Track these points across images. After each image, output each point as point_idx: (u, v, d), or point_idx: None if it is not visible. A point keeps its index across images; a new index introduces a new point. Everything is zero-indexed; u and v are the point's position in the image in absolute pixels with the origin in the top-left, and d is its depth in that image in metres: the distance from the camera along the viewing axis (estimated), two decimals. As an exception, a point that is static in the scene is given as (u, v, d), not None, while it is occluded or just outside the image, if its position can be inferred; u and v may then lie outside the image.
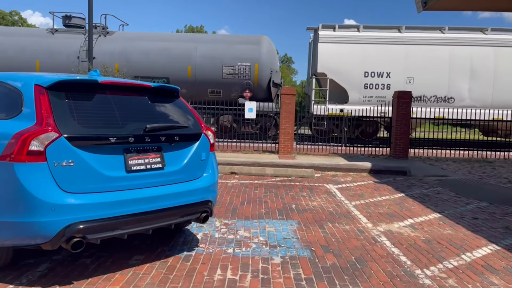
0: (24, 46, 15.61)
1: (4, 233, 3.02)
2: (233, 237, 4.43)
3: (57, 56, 15.27)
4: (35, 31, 16.58)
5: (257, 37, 16.30)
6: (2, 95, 3.51)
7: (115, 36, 16.27)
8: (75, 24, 16.60)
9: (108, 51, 15.57)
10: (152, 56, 15.59)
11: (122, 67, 14.96)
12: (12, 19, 44.23)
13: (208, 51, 15.69)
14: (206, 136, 3.96)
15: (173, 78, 15.43)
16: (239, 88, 15.52)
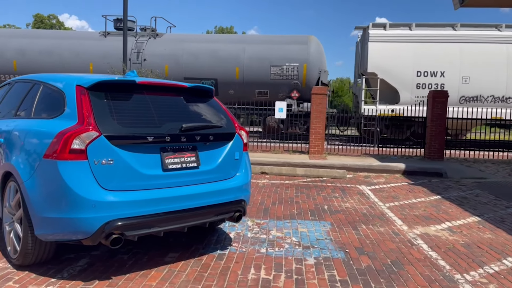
0: (78, 49, 16.07)
1: (47, 228, 3.14)
2: (266, 237, 4.43)
3: (109, 58, 15.56)
4: (88, 35, 17.07)
5: (305, 37, 16.13)
6: (45, 96, 3.66)
7: (164, 38, 16.49)
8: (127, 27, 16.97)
9: (158, 53, 15.82)
10: (201, 57, 15.73)
11: (172, 68, 15.23)
12: (50, 22, 45.96)
13: (256, 52, 15.67)
14: (240, 136, 3.97)
15: (221, 79, 15.55)
16: (287, 88, 15.39)
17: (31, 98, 3.83)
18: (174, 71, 15.47)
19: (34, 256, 3.31)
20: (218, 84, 15.60)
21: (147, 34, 16.39)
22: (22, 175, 3.22)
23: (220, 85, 15.58)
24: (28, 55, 16.05)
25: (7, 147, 3.58)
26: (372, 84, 15.94)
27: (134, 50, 15.80)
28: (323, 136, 11.35)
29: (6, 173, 3.53)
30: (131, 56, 15.74)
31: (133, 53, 15.79)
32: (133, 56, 15.73)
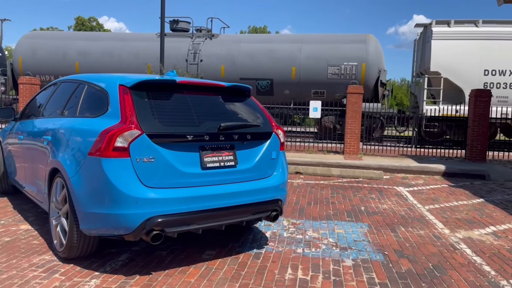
0: (137, 50, 16.35)
1: (91, 223, 3.25)
2: (302, 237, 4.40)
3: (167, 59, 15.21)
4: (147, 36, 17.22)
5: (363, 35, 15.83)
6: (90, 95, 3.78)
7: (220, 39, 16.50)
8: (182, 28, 17.08)
9: (214, 54, 15.83)
10: (257, 58, 15.63)
11: (228, 69, 15.35)
12: (91, 24, 47.61)
13: (313, 52, 15.43)
14: (277, 135, 3.97)
15: (277, 79, 15.44)
16: (344, 88, 14.75)
17: (76, 97, 3.97)
18: (230, 71, 15.46)
19: (79, 250, 3.43)
20: (273, 84, 15.50)
21: (202, 35, 16.43)
22: (69, 171, 3.35)
23: (275, 85, 15.50)
24: (90, 57, 16.44)
25: (54, 145, 3.73)
26: (434, 84, 15.19)
27: (191, 51, 15.86)
28: (358, 136, 11.15)
29: (53, 170, 3.68)
30: (188, 57, 15.85)
31: (190, 54, 15.85)
32: (190, 57, 15.81)
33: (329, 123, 14.91)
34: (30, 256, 3.58)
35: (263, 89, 15.52)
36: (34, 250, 3.73)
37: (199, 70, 15.36)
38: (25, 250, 3.72)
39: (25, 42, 17.17)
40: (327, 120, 14.92)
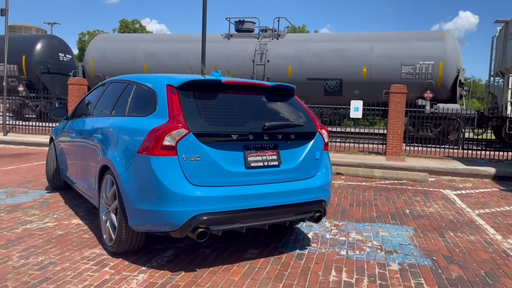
0: (206, 52, 16.21)
1: (140, 219, 3.35)
2: (345, 239, 4.32)
3: (233, 60, 15.55)
4: (212, 37, 16.79)
5: (439, 33, 15.24)
6: (138, 95, 3.90)
7: (287, 39, 16.14)
8: (247, 29, 16.93)
9: (281, 54, 15.51)
10: (325, 57, 15.09)
11: (295, 69, 15.09)
12: (134, 27, 49.16)
13: (385, 50, 14.75)
14: (321, 135, 3.92)
15: (346, 80, 14.90)
16: (419, 88, 14.33)
17: (125, 97, 4.10)
18: (297, 72, 15.07)
19: (127, 245, 3.54)
20: (342, 84, 14.95)
21: (268, 35, 16.15)
22: (118, 168, 3.47)
23: (344, 85, 14.95)
24: (158, 58, 16.49)
25: (105, 143, 3.87)
26: None
27: (258, 52, 15.60)
28: (401, 137, 10.84)
29: (103, 167, 3.82)
30: (255, 58, 15.59)
31: (256, 55, 15.61)
32: (257, 57, 15.55)
33: None
34: (81, 249, 3.74)
35: (332, 90, 15.08)
36: (85, 243, 3.89)
37: (266, 71, 15.13)
38: (77, 243, 3.88)
39: (96, 45, 17.59)
40: None
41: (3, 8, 12.89)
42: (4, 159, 8.80)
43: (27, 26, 39.94)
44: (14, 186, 6.14)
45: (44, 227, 4.31)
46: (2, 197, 5.49)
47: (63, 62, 18.83)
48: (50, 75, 18.00)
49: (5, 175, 6.96)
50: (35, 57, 17.64)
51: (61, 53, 18.84)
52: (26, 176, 6.95)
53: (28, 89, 17.38)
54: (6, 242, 3.82)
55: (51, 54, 18.22)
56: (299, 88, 15.20)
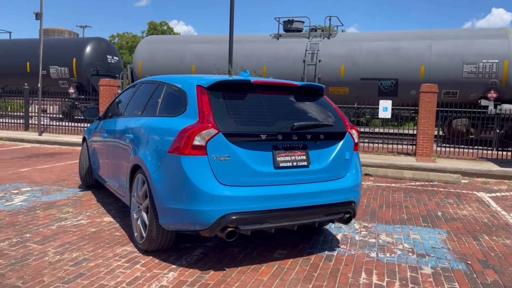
0: (252, 52, 15.93)
1: (170, 218, 3.39)
2: (375, 241, 4.25)
3: (283, 60, 15.30)
4: (261, 38, 16.77)
5: (501, 30, 14.53)
6: (169, 96, 3.96)
7: (339, 38, 15.69)
8: (296, 28, 16.61)
9: (333, 54, 15.03)
10: (380, 57, 14.61)
11: (348, 69, 14.70)
12: (162, 28, 49.98)
13: (445, 49, 14.06)
14: (351, 135, 3.87)
15: (403, 79, 14.37)
16: (481, 88, 13.70)
17: (156, 98, 4.17)
18: (350, 72, 14.66)
19: (158, 243, 3.60)
20: (398, 84, 14.43)
21: (319, 35, 15.72)
22: (150, 168, 3.53)
23: (400, 85, 14.41)
24: (205, 59, 16.15)
25: (136, 143, 3.95)
26: None
27: (309, 52, 15.16)
28: (432, 137, 10.58)
29: (135, 166, 3.89)
30: (306, 58, 15.14)
31: (307, 55, 15.15)
32: (308, 57, 15.11)
33: (461, 126, 13.53)
34: (113, 246, 3.82)
35: (387, 90, 14.59)
36: (117, 241, 3.98)
37: (317, 71, 14.71)
38: (109, 241, 3.98)
39: (144, 47, 17.57)
40: (459, 123, 13.55)
41: (38, 12, 13.36)
42: (40, 158, 9.12)
43: (60, 30, 41.28)
44: (49, 184, 6.35)
45: (77, 224, 4.44)
46: (38, 194, 5.69)
47: (111, 64, 18.95)
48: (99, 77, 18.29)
49: (40, 174, 7.21)
50: (85, 60, 17.86)
51: (109, 55, 18.93)
52: (60, 175, 7.18)
53: (78, 91, 17.67)
54: (42, 238, 3.96)
55: (100, 56, 18.42)
56: (352, 89, 14.75)
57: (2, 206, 5.02)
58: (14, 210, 4.86)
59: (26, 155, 9.42)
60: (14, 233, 4.07)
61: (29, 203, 5.23)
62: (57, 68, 17.98)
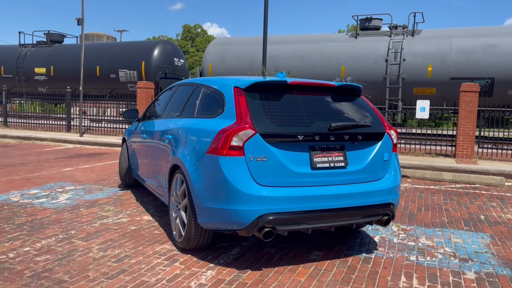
0: (329, 52, 15.43)
1: (208, 217, 3.45)
2: (414, 244, 4.15)
3: (363, 60, 14.77)
4: (338, 37, 16.48)
5: None
6: (206, 97, 4.03)
7: (424, 35, 14.84)
8: (374, 26, 16.07)
9: (418, 52, 14.34)
10: (473, 54, 13.74)
11: (436, 68, 13.96)
12: (196, 31, 50.77)
13: None
14: (389, 136, 3.80)
15: (500, 78, 13.51)
16: None
17: (194, 99, 4.26)
18: (438, 71, 13.96)
19: (196, 242, 3.67)
20: (494, 84, 13.60)
21: (401, 32, 15.00)
22: (188, 168, 3.60)
23: (496, 85, 13.56)
24: (279, 61, 15.77)
25: (175, 143, 4.05)
26: None
27: (391, 50, 14.53)
28: (473, 138, 10.18)
29: (174, 166, 3.99)
30: (388, 57, 14.54)
31: (390, 54, 14.53)
32: (391, 56, 14.49)
33: None
34: (153, 244, 3.93)
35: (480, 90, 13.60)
36: (156, 239, 4.08)
37: (401, 70, 14.17)
38: (149, 239, 4.09)
39: (214, 49, 17.31)
40: None
41: (79, 18, 13.90)
42: (81, 158, 9.49)
43: (99, 34, 42.73)
44: (90, 184, 6.60)
45: (118, 222, 4.59)
46: (81, 193, 5.92)
47: (178, 67, 18.86)
48: (168, 80, 18.00)
49: (83, 173, 7.51)
50: (154, 63, 17.81)
51: (176, 58, 18.86)
52: (100, 174, 7.44)
53: None
54: (86, 235, 4.12)
55: (167, 59, 18.33)
56: (440, 89, 14.04)
57: (49, 204, 5.27)
58: (60, 208, 5.09)
59: (69, 155, 9.82)
60: (60, 229, 4.26)
61: (73, 201, 5.45)
62: (126, 71, 18.00)
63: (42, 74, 19.64)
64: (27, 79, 20.05)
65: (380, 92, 14.39)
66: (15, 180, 6.64)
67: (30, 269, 3.26)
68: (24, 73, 20.07)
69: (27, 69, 20.04)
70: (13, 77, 20.25)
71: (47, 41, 20.62)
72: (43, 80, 19.79)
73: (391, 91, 14.60)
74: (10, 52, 20.80)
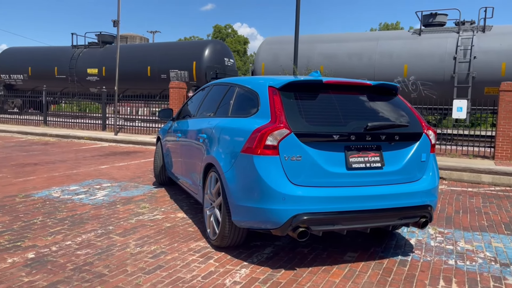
0: (390, 50, 14.70)
1: (242, 215, 3.48)
2: (453, 248, 4.03)
3: (428, 58, 14.00)
4: (399, 34, 15.63)
5: None
6: (241, 97, 4.05)
7: (496, 31, 13.92)
8: (439, 22, 15.22)
9: (491, 49, 13.43)
10: None
11: (510, 66, 13.07)
12: (226, 31, 51.16)
13: None
14: (427, 136, 3.71)
15: None
16: None
17: (228, 99, 4.29)
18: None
19: (230, 240, 3.70)
20: None
21: (470, 28, 14.13)
22: (223, 166, 3.64)
23: None
24: (336, 60, 15.25)
25: (209, 142, 4.10)
26: None
27: (460, 48, 13.68)
28: (513, 139, 9.77)
29: (208, 165, 4.04)
30: (457, 54, 13.67)
31: (459, 51, 13.65)
32: (460, 54, 13.61)
33: None
34: (187, 241, 3.99)
35: None
36: (191, 236, 4.15)
37: (471, 69, 13.39)
38: (183, 235, 4.16)
39: (266, 48, 16.83)
40: None
41: (115, 20, 14.30)
42: (116, 156, 9.76)
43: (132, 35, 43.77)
44: (126, 181, 6.78)
45: (154, 219, 4.70)
46: (117, 190, 6.09)
47: (228, 67, 18.43)
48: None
49: (118, 171, 7.72)
50: (204, 63, 17.42)
51: (226, 58, 18.49)
52: (135, 172, 7.63)
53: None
54: (123, 230, 4.24)
55: (218, 59, 17.94)
56: None
57: (87, 200, 5.45)
58: (97, 204, 5.26)
59: (105, 153, 10.12)
60: (98, 225, 4.40)
61: (110, 197, 5.62)
62: (177, 72, 17.81)
63: (94, 74, 19.81)
64: (80, 79, 20.25)
65: (446, 92, 13.62)
66: (55, 177, 6.91)
67: (72, 262, 3.39)
68: (77, 73, 20.25)
69: (79, 70, 20.19)
70: (66, 78, 20.52)
71: (98, 42, 20.75)
72: (95, 81, 19.90)
73: (459, 91, 13.70)
74: (63, 53, 21.00)
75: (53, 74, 20.74)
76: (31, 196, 5.55)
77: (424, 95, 13.96)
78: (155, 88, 18.10)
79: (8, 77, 22.12)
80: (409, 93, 14.25)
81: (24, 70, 21.59)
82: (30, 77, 21.45)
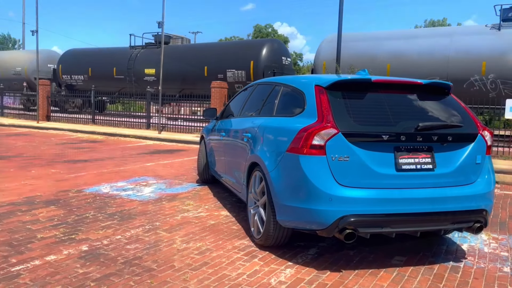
0: (466, 46, 13.80)
1: (287, 215, 3.46)
2: (508, 254, 3.82)
3: (510, 55, 13.10)
4: (476, 29, 14.84)
5: None
6: (286, 96, 4.04)
7: None
8: None
9: None
10: None
11: None
12: (267, 31, 51.26)
13: None
14: (483, 137, 3.53)
15: None
16: None
17: (273, 98, 4.29)
18: None
19: (274, 239, 3.69)
20: None
21: None
22: (268, 166, 3.64)
23: None
24: (404, 58, 14.46)
25: (254, 142, 4.11)
26: None
27: None
28: None
29: (252, 164, 4.05)
30: None
31: None
32: None
33: None
34: (232, 239, 4.03)
35: None
36: (234, 234, 4.18)
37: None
38: (227, 233, 4.20)
39: (328, 46, 15.86)
40: None
41: (160, 21, 14.69)
42: (161, 154, 10.02)
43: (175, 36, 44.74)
44: (171, 178, 6.94)
45: (198, 216, 4.77)
46: (162, 187, 6.25)
47: (285, 66, 18.07)
48: None
49: (163, 168, 7.92)
50: (262, 62, 17.08)
51: (283, 57, 18.16)
52: (179, 170, 7.80)
53: None
54: (169, 227, 4.34)
55: (275, 58, 17.60)
56: None
57: (135, 196, 5.63)
58: (144, 200, 5.42)
59: (150, 151, 10.42)
60: (146, 220, 4.53)
61: (156, 194, 5.77)
62: (234, 71, 17.61)
63: (151, 75, 19.95)
64: (137, 79, 20.51)
65: None
66: (104, 173, 7.19)
67: (122, 256, 3.51)
68: (134, 74, 20.53)
69: (137, 70, 20.44)
70: (124, 78, 20.87)
71: (155, 43, 20.83)
72: (152, 81, 19.91)
73: None
74: (121, 54, 21.34)
75: (111, 74, 21.14)
76: (83, 191, 5.81)
77: (504, 94, 12.94)
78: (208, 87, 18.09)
79: (69, 78, 22.78)
80: (487, 92, 13.26)
81: (85, 71, 22.12)
82: (90, 77, 21.93)
